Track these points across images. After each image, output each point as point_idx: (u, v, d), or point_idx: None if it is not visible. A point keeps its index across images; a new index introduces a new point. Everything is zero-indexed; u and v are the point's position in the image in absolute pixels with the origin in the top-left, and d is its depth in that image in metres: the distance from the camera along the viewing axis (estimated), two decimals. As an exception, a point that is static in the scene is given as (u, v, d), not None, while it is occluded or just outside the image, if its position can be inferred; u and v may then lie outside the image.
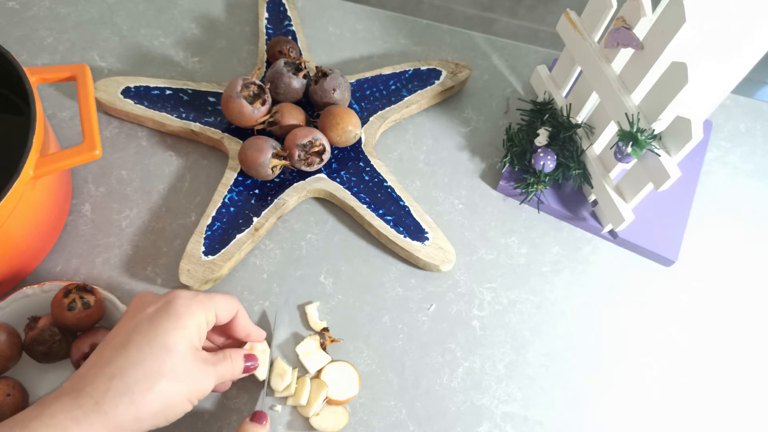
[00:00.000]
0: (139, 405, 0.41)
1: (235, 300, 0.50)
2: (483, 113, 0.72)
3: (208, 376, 0.45)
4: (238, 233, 0.60)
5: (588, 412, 0.57)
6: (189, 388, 0.44)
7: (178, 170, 0.66)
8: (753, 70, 0.59)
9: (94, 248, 0.61)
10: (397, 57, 0.76)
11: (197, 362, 0.45)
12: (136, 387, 0.41)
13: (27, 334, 0.51)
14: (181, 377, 0.43)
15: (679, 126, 0.52)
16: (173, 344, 0.43)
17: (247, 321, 0.51)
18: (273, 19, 0.75)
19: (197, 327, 0.45)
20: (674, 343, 0.61)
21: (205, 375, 0.45)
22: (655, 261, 0.65)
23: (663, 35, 0.51)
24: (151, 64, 0.72)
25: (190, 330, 0.44)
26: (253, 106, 0.62)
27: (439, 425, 0.55)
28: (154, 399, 0.41)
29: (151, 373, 0.42)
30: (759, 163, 0.72)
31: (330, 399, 0.54)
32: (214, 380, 0.46)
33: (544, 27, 1.63)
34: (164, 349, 0.43)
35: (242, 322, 0.51)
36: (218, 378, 0.46)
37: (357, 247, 0.63)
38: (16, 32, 0.73)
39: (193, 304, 0.46)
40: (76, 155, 0.52)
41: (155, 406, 0.42)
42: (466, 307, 0.61)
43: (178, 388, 0.43)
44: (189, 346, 0.44)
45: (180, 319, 0.44)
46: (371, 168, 0.65)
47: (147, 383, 0.41)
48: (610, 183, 0.62)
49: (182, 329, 0.44)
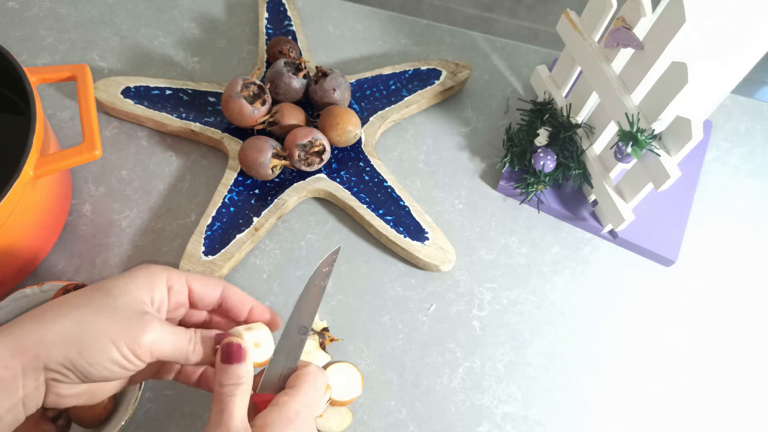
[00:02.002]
0: (47, 325, 0.36)
1: (218, 279, 0.45)
2: (483, 113, 0.72)
3: (145, 323, 0.38)
4: (238, 233, 0.60)
5: (588, 412, 0.57)
6: (117, 328, 0.37)
7: (178, 170, 0.66)
8: (753, 70, 0.59)
9: (94, 248, 0.61)
10: (397, 57, 0.76)
11: (136, 307, 0.38)
12: (50, 311, 0.37)
13: (27, 334, 0.50)
14: (108, 313, 0.37)
15: (679, 126, 0.52)
16: (110, 287, 0.38)
17: (242, 295, 0.44)
18: (273, 19, 0.75)
19: (151, 285, 0.39)
20: (674, 343, 0.61)
21: (141, 321, 0.38)
22: (655, 261, 0.65)
23: (663, 35, 0.51)
24: (151, 64, 0.72)
25: (137, 281, 0.39)
26: (253, 106, 0.62)
27: (439, 425, 0.55)
28: (65, 323, 0.36)
29: (73, 305, 0.37)
30: (759, 163, 0.72)
31: (333, 400, 0.54)
32: (155, 334, 0.38)
33: (544, 27, 1.63)
34: (99, 290, 0.38)
35: (236, 296, 0.44)
36: (167, 341, 0.38)
37: (357, 247, 0.63)
38: (16, 32, 0.73)
39: (154, 265, 0.41)
40: (76, 155, 0.52)
41: (66, 330, 0.36)
42: (466, 307, 0.61)
43: (101, 323, 0.37)
44: (131, 293, 0.39)
45: (128, 274, 0.40)
46: (371, 168, 0.65)
47: (62, 309, 0.37)
48: (610, 183, 0.62)
49: (126, 278, 0.39)
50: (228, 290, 0.43)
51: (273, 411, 0.38)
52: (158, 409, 0.54)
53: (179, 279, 0.41)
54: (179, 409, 0.54)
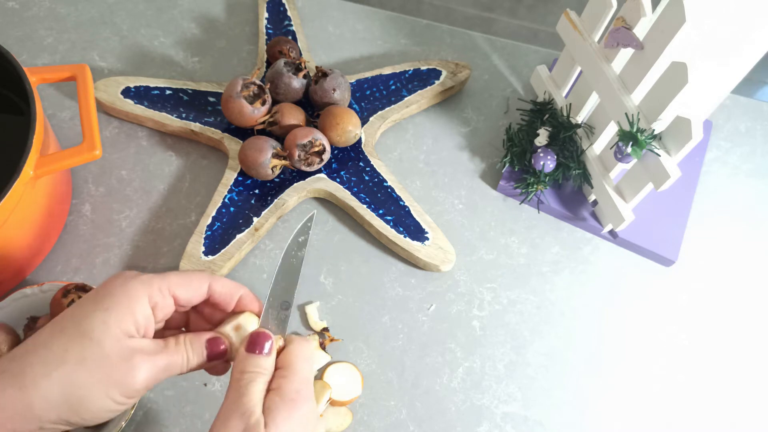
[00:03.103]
0: (31, 392, 0.35)
1: (202, 273, 0.42)
2: (483, 113, 0.72)
3: (134, 367, 0.37)
4: (238, 233, 0.60)
5: (588, 412, 0.57)
6: (107, 380, 0.36)
7: (178, 170, 0.66)
8: (753, 70, 0.59)
9: (94, 248, 0.61)
10: (397, 57, 0.76)
11: (122, 350, 0.37)
12: (30, 371, 0.35)
13: (26, 335, 0.51)
14: (94, 366, 0.36)
15: (679, 126, 0.52)
16: (89, 328, 0.36)
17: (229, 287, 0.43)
18: (273, 19, 0.75)
19: (131, 312, 0.38)
20: (674, 343, 0.61)
21: (130, 366, 0.37)
22: (655, 261, 0.64)
23: (663, 35, 0.51)
24: (151, 64, 0.72)
25: (117, 312, 0.37)
26: (253, 106, 0.62)
27: (439, 425, 0.55)
28: (50, 387, 0.35)
29: (52, 359, 0.36)
30: (759, 163, 0.72)
31: (333, 400, 0.54)
32: (147, 373, 0.37)
33: (544, 27, 1.63)
34: (77, 333, 0.36)
35: (223, 289, 0.42)
36: (160, 370, 0.38)
37: (357, 247, 0.63)
38: (16, 32, 0.73)
39: (132, 282, 0.38)
40: (76, 155, 0.52)
41: (52, 395, 0.35)
42: (466, 307, 0.61)
43: (88, 379, 0.36)
44: (112, 331, 0.37)
45: (105, 300, 0.38)
46: (371, 168, 0.65)
47: (44, 369, 0.35)
48: (610, 183, 0.62)
49: (105, 311, 0.37)
50: (214, 285, 0.42)
51: (274, 396, 0.39)
52: (158, 409, 0.54)
53: (161, 293, 0.39)
54: (179, 409, 0.54)
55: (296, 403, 0.39)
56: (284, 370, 0.40)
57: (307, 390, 0.40)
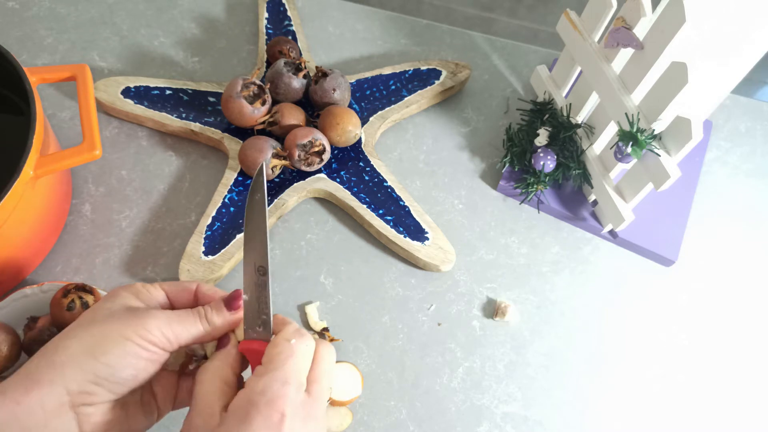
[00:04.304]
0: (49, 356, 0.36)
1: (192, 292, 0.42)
2: (483, 113, 0.72)
3: (145, 312, 0.38)
4: (238, 233, 0.60)
5: (588, 412, 0.57)
6: (120, 325, 0.37)
7: (178, 170, 0.66)
8: (753, 70, 0.59)
9: (94, 248, 0.61)
10: (397, 57, 0.76)
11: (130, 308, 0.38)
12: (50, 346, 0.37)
13: (26, 335, 0.51)
14: (105, 319, 0.37)
15: (679, 126, 0.52)
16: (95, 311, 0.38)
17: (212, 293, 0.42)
18: (273, 19, 0.75)
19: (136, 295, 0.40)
20: (674, 343, 0.61)
21: (140, 313, 0.38)
22: (655, 261, 0.65)
23: (663, 35, 0.51)
24: (151, 64, 0.72)
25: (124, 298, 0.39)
26: (253, 106, 0.62)
27: (439, 425, 0.55)
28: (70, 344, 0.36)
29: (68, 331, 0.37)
30: (759, 163, 0.72)
31: (333, 400, 0.54)
32: (158, 319, 0.38)
33: (544, 27, 1.63)
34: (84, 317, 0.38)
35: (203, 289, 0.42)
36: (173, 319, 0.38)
37: (357, 247, 0.63)
38: (16, 32, 0.73)
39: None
40: (76, 155, 0.52)
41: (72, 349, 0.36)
42: (466, 307, 0.61)
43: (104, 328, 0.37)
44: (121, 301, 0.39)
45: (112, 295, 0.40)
46: (371, 168, 0.65)
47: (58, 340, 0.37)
48: (610, 183, 0.62)
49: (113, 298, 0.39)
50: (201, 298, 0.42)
51: (240, 393, 0.37)
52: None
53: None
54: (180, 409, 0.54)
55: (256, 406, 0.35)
56: (260, 366, 0.38)
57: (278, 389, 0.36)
